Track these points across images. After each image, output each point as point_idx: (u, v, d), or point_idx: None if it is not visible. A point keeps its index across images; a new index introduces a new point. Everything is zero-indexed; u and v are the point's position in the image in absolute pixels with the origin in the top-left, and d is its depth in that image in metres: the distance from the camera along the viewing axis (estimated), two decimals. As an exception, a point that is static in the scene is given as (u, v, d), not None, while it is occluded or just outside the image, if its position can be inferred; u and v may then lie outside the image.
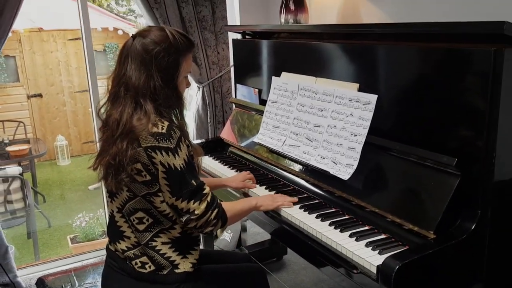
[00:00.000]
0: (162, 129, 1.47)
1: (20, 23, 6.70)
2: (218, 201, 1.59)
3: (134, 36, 1.55)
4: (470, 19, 1.51)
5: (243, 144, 2.44)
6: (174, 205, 1.51)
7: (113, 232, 1.66)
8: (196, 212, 1.50)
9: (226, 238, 3.07)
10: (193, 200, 1.50)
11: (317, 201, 1.90)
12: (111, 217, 1.66)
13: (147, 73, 1.50)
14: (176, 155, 1.47)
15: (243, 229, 3.08)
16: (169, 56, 1.52)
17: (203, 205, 1.51)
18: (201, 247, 2.56)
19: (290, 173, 2.10)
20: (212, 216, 1.54)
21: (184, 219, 1.52)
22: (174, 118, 1.58)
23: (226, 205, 1.63)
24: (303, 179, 2.03)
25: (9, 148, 4.68)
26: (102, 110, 1.60)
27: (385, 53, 1.75)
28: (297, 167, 2.05)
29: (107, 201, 1.67)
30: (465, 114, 1.45)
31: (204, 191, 1.54)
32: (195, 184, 1.51)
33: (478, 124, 1.41)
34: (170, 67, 1.53)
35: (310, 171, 1.97)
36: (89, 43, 3.00)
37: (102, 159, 1.55)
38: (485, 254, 1.46)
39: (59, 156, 7.33)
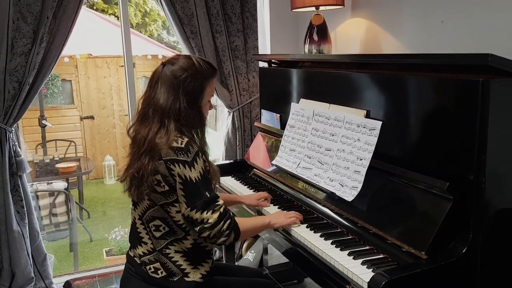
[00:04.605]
0: (181, 144, 1.63)
1: (76, 50, 7.22)
2: (231, 214, 1.70)
3: (164, 64, 1.74)
4: (487, 48, 1.59)
5: (263, 166, 2.57)
6: (190, 216, 1.63)
7: (133, 238, 1.81)
8: (210, 221, 1.61)
9: (249, 258, 3.16)
10: (206, 211, 1.62)
11: (325, 221, 1.99)
12: (133, 224, 1.82)
13: (174, 96, 1.67)
14: (192, 168, 1.62)
15: (265, 251, 3.16)
16: (195, 81, 1.69)
17: (216, 215, 1.62)
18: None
19: (304, 195, 2.20)
20: (225, 227, 1.64)
21: (198, 228, 1.63)
22: (195, 137, 1.74)
23: (239, 220, 1.74)
24: (315, 200, 2.12)
25: (58, 165, 5.01)
26: (132, 129, 1.77)
27: (388, 82, 1.85)
28: (310, 189, 2.14)
29: (131, 210, 1.84)
30: (457, 140, 1.52)
31: (217, 203, 1.65)
32: (208, 195, 1.64)
33: (468, 149, 1.47)
34: (195, 90, 1.70)
35: (321, 193, 2.07)
36: (130, 71, 3.27)
37: (128, 172, 1.72)
38: (478, 275, 1.49)
39: (106, 175, 7.72)
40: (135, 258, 1.79)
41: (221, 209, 1.65)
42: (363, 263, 1.60)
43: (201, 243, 1.75)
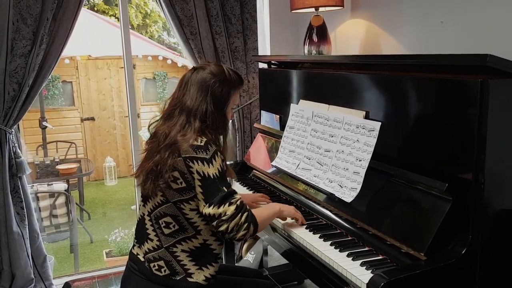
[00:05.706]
0: (201, 142, 1.66)
1: (76, 51, 7.22)
2: (247, 207, 1.70)
3: (195, 68, 1.81)
4: (487, 49, 1.59)
5: (263, 168, 2.57)
6: (208, 214, 1.62)
7: (140, 235, 1.82)
8: (227, 213, 1.61)
9: (249, 259, 3.16)
10: (223, 204, 1.62)
11: (324, 222, 1.98)
12: (141, 220, 1.82)
13: (202, 98, 1.73)
14: (210, 164, 1.63)
15: (265, 252, 3.16)
16: (223, 87, 1.77)
17: (233, 207, 1.62)
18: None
19: (303, 196, 2.19)
20: (243, 219, 1.63)
21: (216, 222, 1.63)
22: (217, 142, 1.76)
23: (254, 212, 1.73)
24: (314, 202, 2.11)
25: (59, 166, 5.01)
26: (153, 125, 1.82)
27: (388, 83, 1.85)
28: (309, 190, 2.14)
29: (140, 205, 1.85)
30: (456, 141, 1.51)
31: (234, 197, 1.66)
32: (226, 190, 1.65)
33: (467, 150, 1.47)
34: (222, 96, 1.77)
35: (320, 194, 2.06)
36: (130, 72, 3.27)
37: (144, 166, 1.74)
38: (477, 276, 1.48)
39: (107, 176, 7.72)
40: (138, 255, 1.80)
41: (238, 202, 1.65)
42: (362, 264, 1.59)
43: (210, 244, 1.76)
